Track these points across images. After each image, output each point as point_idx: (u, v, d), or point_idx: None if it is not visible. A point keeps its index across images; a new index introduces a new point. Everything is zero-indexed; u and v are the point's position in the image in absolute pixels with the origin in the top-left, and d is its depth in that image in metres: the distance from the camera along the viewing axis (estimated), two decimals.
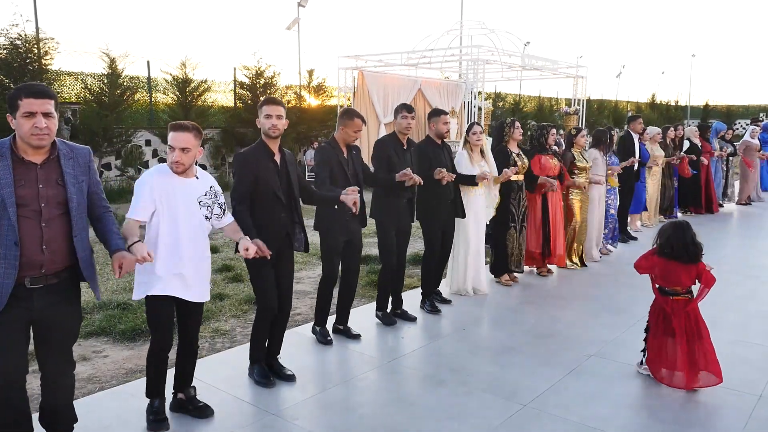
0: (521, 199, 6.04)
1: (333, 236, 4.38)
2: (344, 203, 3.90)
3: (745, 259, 7.28)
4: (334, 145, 4.34)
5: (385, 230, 4.83)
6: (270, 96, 3.82)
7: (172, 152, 3.08)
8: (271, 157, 3.64)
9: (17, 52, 11.06)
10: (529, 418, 3.41)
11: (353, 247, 4.51)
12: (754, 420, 3.38)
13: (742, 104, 41.74)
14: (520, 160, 5.93)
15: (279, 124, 3.61)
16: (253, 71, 15.45)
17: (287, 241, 3.78)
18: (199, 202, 3.17)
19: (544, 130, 6.42)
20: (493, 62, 15.44)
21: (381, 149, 4.80)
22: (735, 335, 4.72)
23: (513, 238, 6.05)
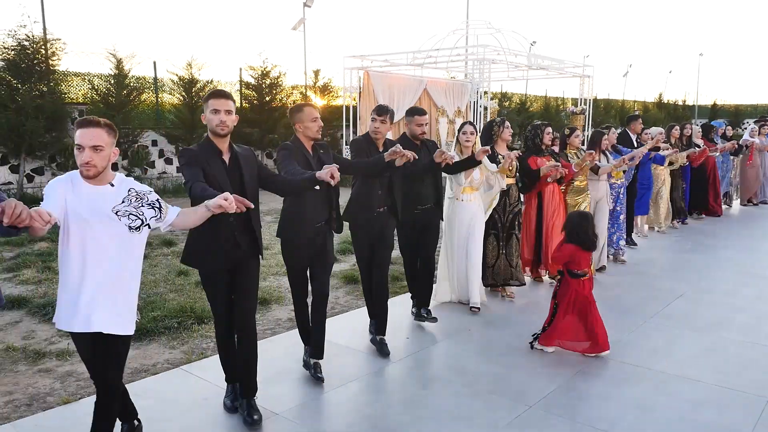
0: (507, 204, 5.49)
1: (296, 247, 3.87)
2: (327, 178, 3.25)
3: (755, 260, 7.22)
4: (298, 144, 3.84)
5: (359, 238, 4.41)
6: (217, 88, 3.38)
7: (81, 152, 2.58)
8: (219, 155, 3.25)
9: (25, 53, 11.10)
10: (536, 419, 3.38)
11: (324, 262, 3.93)
12: (762, 422, 3.34)
13: (751, 103, 41.45)
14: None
15: (228, 120, 3.22)
16: (259, 71, 15.47)
17: (241, 254, 3.31)
18: (116, 213, 2.64)
19: (539, 129, 5.87)
20: (499, 62, 15.41)
21: (358, 146, 4.35)
22: (744, 336, 4.68)
23: (494, 247, 5.51)
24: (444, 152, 4.44)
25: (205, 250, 3.28)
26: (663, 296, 5.69)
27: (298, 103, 3.91)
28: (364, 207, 4.33)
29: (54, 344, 4.47)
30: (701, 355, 4.32)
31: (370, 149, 4.30)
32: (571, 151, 6.33)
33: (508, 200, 5.49)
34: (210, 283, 3.39)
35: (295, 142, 3.82)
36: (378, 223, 4.35)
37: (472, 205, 5.18)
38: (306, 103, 3.89)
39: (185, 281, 6.08)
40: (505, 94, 23.54)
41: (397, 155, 3.88)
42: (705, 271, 6.65)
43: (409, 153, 3.92)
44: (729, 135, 10.94)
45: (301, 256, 3.88)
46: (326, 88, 17.50)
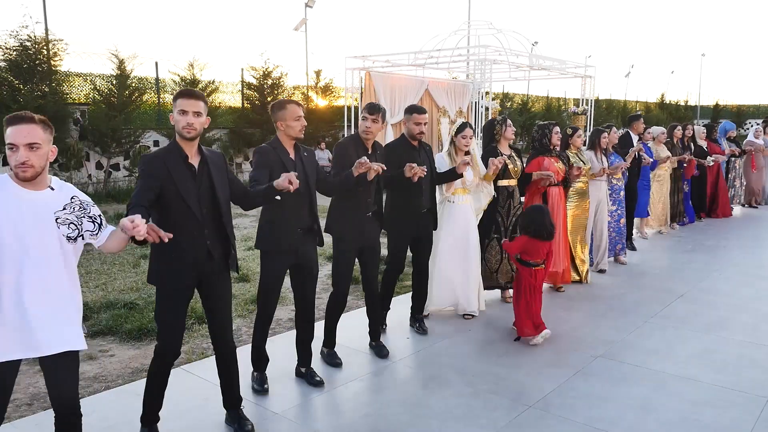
0: (511, 207, 5.32)
1: (277, 259, 3.67)
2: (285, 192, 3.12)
3: (756, 261, 7.22)
4: (276, 145, 3.59)
5: (343, 248, 4.11)
6: (186, 88, 3.04)
7: (15, 152, 2.31)
8: (185, 160, 2.97)
9: (27, 54, 11.14)
10: (535, 419, 3.39)
11: (305, 273, 3.77)
12: (762, 422, 3.35)
13: (753, 104, 41.38)
14: (512, 163, 5.26)
15: (196, 122, 2.93)
16: (260, 72, 15.50)
17: (213, 265, 3.07)
18: (56, 219, 2.41)
19: (546, 129, 5.71)
20: (501, 62, 15.40)
21: (341, 152, 4.07)
22: (745, 336, 4.68)
23: (496, 251, 5.37)
24: (413, 167, 4.08)
25: (172, 264, 2.98)
26: (663, 296, 5.69)
27: (280, 99, 3.76)
28: (351, 214, 4.08)
29: None
30: (701, 355, 4.32)
31: (358, 151, 4.01)
32: (572, 151, 6.17)
33: (512, 202, 5.33)
34: (167, 299, 3.04)
35: (273, 144, 3.60)
36: (366, 230, 4.14)
37: (466, 207, 4.99)
38: (289, 100, 3.66)
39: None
40: (507, 95, 23.54)
41: (364, 168, 3.61)
42: (705, 271, 6.65)
43: (377, 165, 3.66)
44: (732, 137, 10.78)
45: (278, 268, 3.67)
46: (327, 88, 17.53)
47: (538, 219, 4.51)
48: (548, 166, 5.54)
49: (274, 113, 3.59)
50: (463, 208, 4.97)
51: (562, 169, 5.73)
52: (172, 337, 3.07)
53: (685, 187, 9.17)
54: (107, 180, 12.79)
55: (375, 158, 4.02)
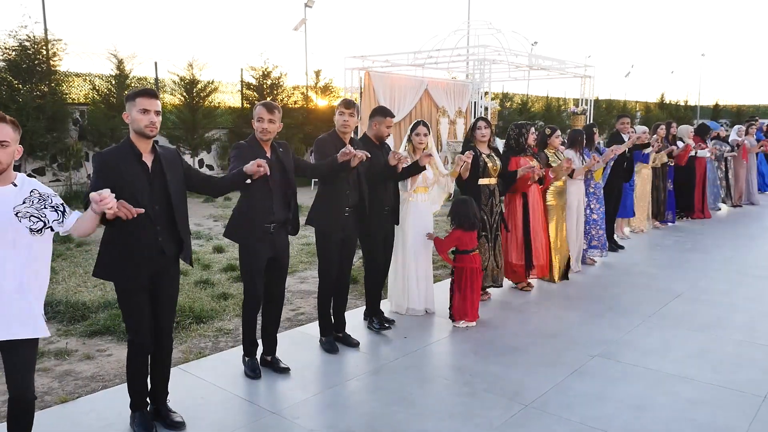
0: (494, 205, 5.37)
1: (253, 252, 3.77)
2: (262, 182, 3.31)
3: (752, 260, 7.22)
4: (253, 143, 3.72)
5: (326, 239, 4.26)
6: (145, 87, 3.06)
7: None
8: (138, 158, 2.98)
9: (26, 54, 11.13)
10: (531, 418, 3.39)
11: (279, 267, 3.90)
12: (758, 421, 3.35)
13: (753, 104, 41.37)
14: (491, 161, 5.30)
15: (158, 121, 2.99)
16: (260, 72, 15.49)
17: (165, 261, 3.10)
18: (17, 214, 2.49)
19: (523, 128, 5.72)
20: (500, 62, 15.41)
21: (321, 147, 4.20)
22: (742, 335, 4.69)
23: (485, 250, 5.40)
24: (397, 154, 4.37)
25: (123, 260, 2.99)
26: (660, 296, 5.69)
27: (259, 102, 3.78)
28: (333, 207, 4.22)
29: (53, 344, 4.49)
30: (698, 354, 4.33)
31: (337, 146, 4.09)
32: (550, 151, 6.17)
33: (494, 200, 5.38)
34: (127, 298, 3.07)
35: (250, 141, 3.73)
36: (347, 224, 4.28)
37: (427, 205, 5.08)
38: (262, 102, 3.76)
39: (184, 281, 6.09)
40: (507, 95, 23.52)
41: (349, 156, 3.80)
42: (703, 271, 6.65)
43: (361, 153, 3.84)
44: (723, 136, 10.78)
45: (257, 257, 3.75)
46: (327, 88, 17.52)
47: (463, 211, 4.84)
48: (524, 165, 5.53)
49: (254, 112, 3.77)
50: (423, 206, 5.04)
51: None
52: (142, 334, 3.12)
53: (669, 185, 9.03)
54: None
55: None
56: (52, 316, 4.98)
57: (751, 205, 11.42)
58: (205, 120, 13.96)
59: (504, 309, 5.36)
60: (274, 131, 3.69)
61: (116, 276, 3.06)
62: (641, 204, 8.40)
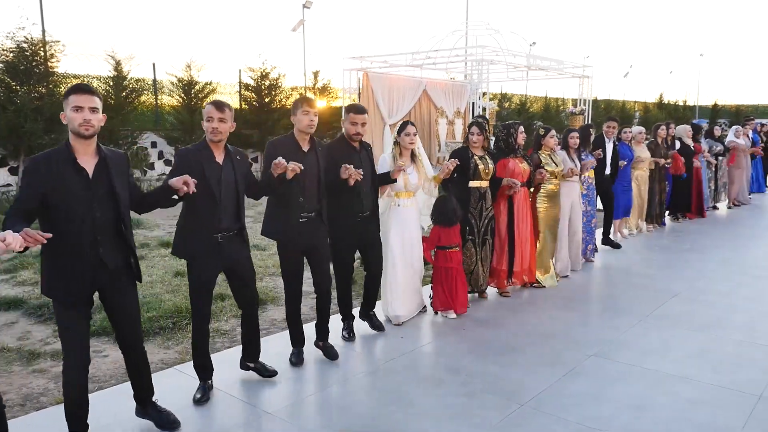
0: (484, 208, 5.26)
1: (200, 265, 3.44)
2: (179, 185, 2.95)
3: (751, 260, 7.22)
4: (202, 147, 3.40)
5: (283, 248, 3.97)
6: (79, 83, 2.80)
7: None
8: (74, 162, 2.71)
9: (24, 55, 11.13)
10: (527, 418, 3.38)
11: (239, 277, 3.63)
12: (753, 419, 3.35)
13: (752, 104, 41.44)
14: (482, 164, 5.18)
15: (94, 119, 2.70)
16: (258, 73, 15.50)
17: (108, 275, 2.86)
18: None
19: (512, 128, 5.54)
20: (498, 62, 15.40)
21: (271, 152, 3.80)
22: (741, 335, 4.68)
23: (471, 254, 5.31)
24: (348, 168, 3.93)
25: (60, 274, 2.76)
26: (658, 296, 5.69)
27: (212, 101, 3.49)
28: (284, 216, 3.88)
29: (49, 345, 4.48)
30: (696, 354, 4.32)
31: (291, 150, 3.79)
32: (545, 152, 6.00)
33: (484, 203, 5.27)
34: (59, 314, 2.84)
35: (200, 146, 3.42)
36: (305, 233, 3.91)
37: (411, 211, 4.89)
38: (213, 100, 3.46)
39: (182, 282, 6.08)
40: (505, 95, 23.54)
41: (281, 169, 3.46)
42: (701, 270, 6.64)
43: (293, 165, 3.47)
44: (717, 135, 10.63)
45: (204, 272, 3.46)
46: (325, 89, 17.54)
47: (441, 208, 4.95)
48: (513, 168, 5.44)
49: None
50: (408, 212, 4.86)
51: (526, 171, 5.59)
52: (75, 359, 2.86)
53: (667, 186, 8.91)
54: None
55: (315, 154, 3.90)
56: (49, 318, 4.97)
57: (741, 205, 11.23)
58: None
59: (501, 309, 5.35)
60: (226, 131, 3.38)
61: (54, 292, 2.81)
62: (636, 205, 8.24)
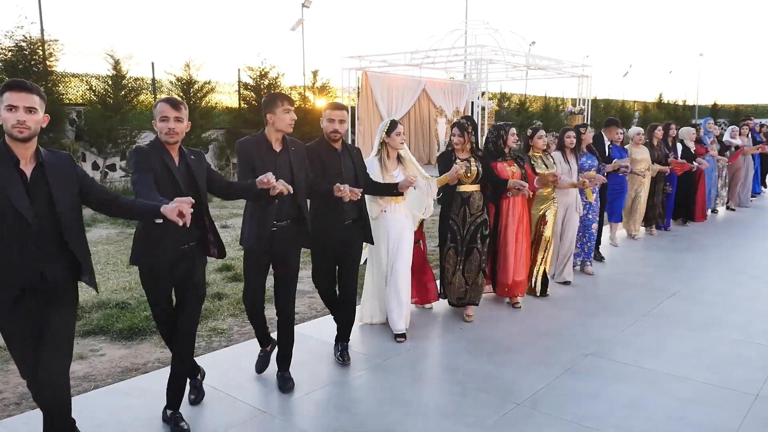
0: (468, 214, 4.86)
1: (154, 276, 3.19)
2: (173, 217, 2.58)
3: (748, 260, 7.22)
4: (158, 146, 3.11)
5: (249, 257, 3.66)
6: (15, 79, 2.59)
7: None
8: (16, 165, 2.51)
9: (22, 54, 11.15)
10: (523, 417, 3.39)
11: (191, 290, 3.25)
12: (750, 418, 3.35)
13: (751, 103, 41.43)
14: (464, 168, 4.83)
15: (30, 120, 2.49)
16: (257, 72, 15.51)
17: (51, 290, 2.60)
18: None
19: (502, 130, 5.22)
20: (498, 62, 15.42)
21: (242, 153, 3.54)
22: (738, 335, 4.68)
23: (453, 262, 4.95)
24: (341, 189, 3.63)
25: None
26: (655, 295, 5.69)
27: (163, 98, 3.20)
28: (258, 223, 3.55)
29: None
30: (692, 353, 4.32)
31: (262, 150, 3.54)
32: (535, 154, 5.68)
33: (468, 209, 4.87)
34: (5, 331, 2.61)
35: (154, 144, 3.13)
36: (277, 241, 3.58)
37: (400, 216, 4.54)
38: (164, 98, 3.15)
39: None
40: (505, 95, 23.55)
41: (265, 185, 3.17)
42: (698, 270, 6.65)
43: (282, 186, 3.18)
44: (716, 135, 10.29)
45: (162, 288, 3.21)
46: (324, 88, 17.54)
47: None
48: (501, 171, 5.11)
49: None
50: (398, 217, 4.52)
51: (516, 173, 5.18)
52: (26, 372, 2.67)
53: (668, 188, 8.58)
54: (103, 180, 12.78)
55: (288, 156, 3.60)
56: None
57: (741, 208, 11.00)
58: (202, 120, 13.96)
59: (497, 308, 5.35)
60: (182, 131, 3.10)
61: None
62: (637, 209, 7.99)
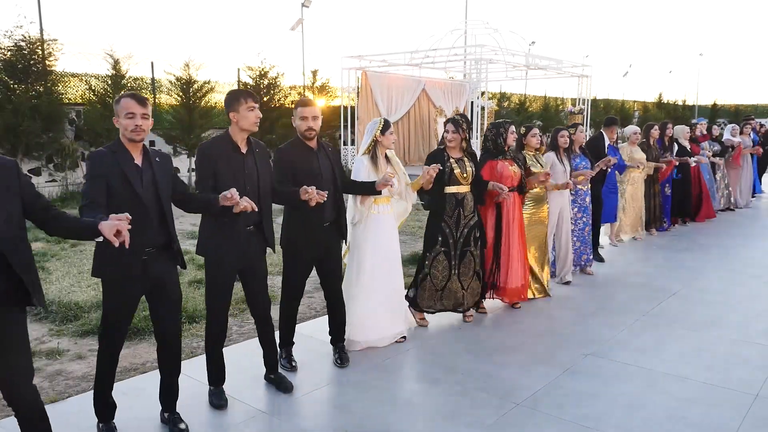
0: (462, 216, 4.68)
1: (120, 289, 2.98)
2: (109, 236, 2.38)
3: (748, 260, 7.22)
4: (117, 148, 2.89)
5: (216, 270, 3.43)
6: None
7: None
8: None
9: (22, 54, 11.12)
10: (523, 417, 3.38)
11: (164, 299, 3.12)
12: (749, 418, 3.34)
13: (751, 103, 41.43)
14: (459, 167, 4.64)
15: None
16: (256, 72, 15.48)
17: None
18: None
19: (501, 128, 5.04)
20: (497, 62, 15.42)
21: (205, 157, 3.33)
22: (737, 334, 4.68)
23: (444, 267, 4.76)
24: (308, 191, 3.44)
25: None
26: (655, 295, 5.69)
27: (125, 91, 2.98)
28: (218, 229, 3.37)
29: (44, 344, 4.47)
30: (691, 353, 4.32)
31: (228, 151, 3.36)
32: (529, 152, 5.55)
33: (462, 211, 4.69)
34: None
35: (114, 147, 2.92)
36: (243, 248, 3.41)
37: (388, 218, 4.38)
38: (128, 93, 2.95)
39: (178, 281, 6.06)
40: (504, 94, 23.54)
41: (231, 202, 3.04)
42: (698, 270, 6.64)
43: (247, 203, 3.07)
44: (715, 135, 10.30)
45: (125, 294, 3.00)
46: (324, 88, 17.53)
47: None
48: (501, 170, 4.99)
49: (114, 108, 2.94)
50: (385, 219, 4.35)
51: (517, 174, 5.08)
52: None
53: (667, 190, 8.58)
54: None
55: (252, 156, 3.43)
56: (44, 317, 4.97)
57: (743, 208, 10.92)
58: (202, 120, 13.95)
59: (496, 308, 5.34)
60: (148, 129, 2.91)
61: None
62: (634, 210, 7.96)
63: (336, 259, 4.09)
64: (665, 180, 8.49)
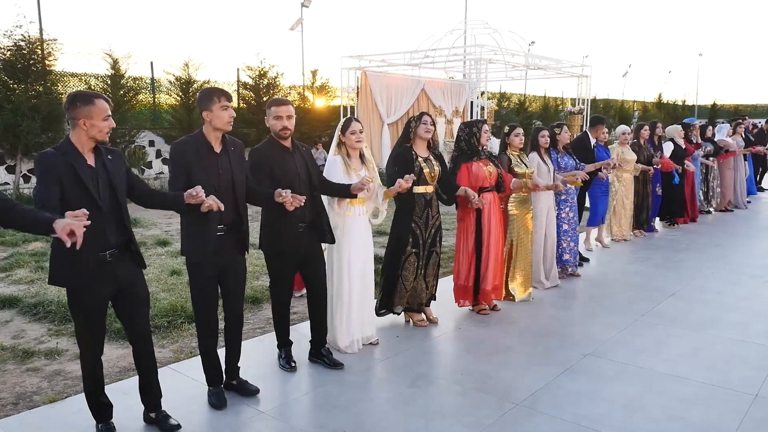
0: (430, 216, 4.63)
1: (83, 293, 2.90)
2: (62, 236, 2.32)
3: (747, 260, 7.22)
4: (67, 149, 2.77)
5: (198, 273, 3.38)
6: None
7: None
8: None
9: (21, 54, 11.13)
10: (522, 417, 3.38)
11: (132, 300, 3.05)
12: (749, 419, 3.34)
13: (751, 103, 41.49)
14: (428, 167, 4.56)
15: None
16: (256, 72, 15.49)
17: None
18: None
19: (474, 127, 4.97)
20: (497, 62, 15.42)
21: (178, 156, 3.29)
22: (736, 334, 4.68)
23: (414, 268, 4.69)
24: (283, 194, 3.39)
25: None
26: (654, 295, 5.69)
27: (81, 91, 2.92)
28: (198, 230, 3.30)
29: (43, 343, 4.47)
30: (690, 353, 4.32)
31: (201, 151, 3.31)
32: (513, 152, 5.47)
33: (430, 212, 4.64)
34: None
35: (64, 148, 2.78)
36: (219, 248, 3.35)
37: (363, 219, 4.33)
38: (97, 94, 2.86)
39: (177, 281, 6.07)
40: (504, 94, 23.56)
41: (196, 201, 2.99)
42: (697, 270, 6.64)
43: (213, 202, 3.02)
44: (709, 135, 10.19)
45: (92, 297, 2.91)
46: (324, 88, 17.54)
47: None
48: (477, 172, 4.91)
49: (73, 109, 2.77)
50: (360, 220, 4.30)
51: (493, 173, 5.00)
52: None
53: (658, 190, 8.47)
54: None
55: (227, 156, 3.40)
56: (44, 316, 4.97)
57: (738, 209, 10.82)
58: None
59: (495, 308, 5.34)
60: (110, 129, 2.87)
61: None
62: (622, 211, 7.86)
63: (319, 260, 4.04)
64: (656, 180, 8.36)
